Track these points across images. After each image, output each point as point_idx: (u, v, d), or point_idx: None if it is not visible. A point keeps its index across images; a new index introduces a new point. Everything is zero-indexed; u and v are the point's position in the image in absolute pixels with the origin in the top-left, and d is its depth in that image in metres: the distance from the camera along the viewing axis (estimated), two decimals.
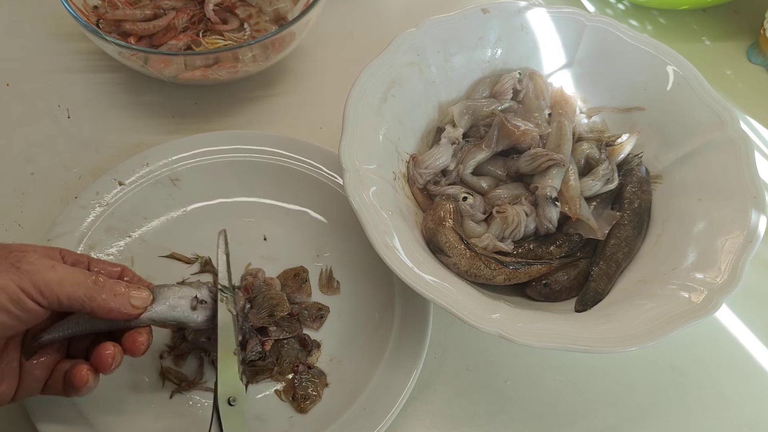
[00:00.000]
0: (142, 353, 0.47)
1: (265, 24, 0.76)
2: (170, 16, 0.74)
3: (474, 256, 0.57)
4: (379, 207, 0.55)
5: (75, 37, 0.79)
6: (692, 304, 0.53)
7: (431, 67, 0.65)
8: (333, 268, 0.63)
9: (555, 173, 0.61)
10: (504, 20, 0.67)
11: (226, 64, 0.69)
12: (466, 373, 0.60)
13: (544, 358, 0.61)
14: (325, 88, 0.78)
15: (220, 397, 0.48)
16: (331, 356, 0.59)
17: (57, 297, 0.43)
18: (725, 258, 0.55)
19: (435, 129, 0.67)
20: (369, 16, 0.86)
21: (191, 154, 0.65)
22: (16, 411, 0.54)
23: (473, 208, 0.61)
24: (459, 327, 0.61)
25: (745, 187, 0.58)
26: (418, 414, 0.57)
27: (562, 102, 0.67)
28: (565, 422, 0.58)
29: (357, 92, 0.59)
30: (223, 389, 0.48)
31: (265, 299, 0.58)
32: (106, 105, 0.75)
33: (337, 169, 0.63)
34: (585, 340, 0.51)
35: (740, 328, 0.64)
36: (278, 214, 0.66)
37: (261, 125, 0.74)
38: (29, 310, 0.42)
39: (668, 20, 0.89)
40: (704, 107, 0.63)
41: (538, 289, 0.59)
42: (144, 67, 0.69)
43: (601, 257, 0.60)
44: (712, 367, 0.62)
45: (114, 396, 0.54)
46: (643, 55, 0.66)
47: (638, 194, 0.63)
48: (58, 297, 0.43)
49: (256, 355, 0.57)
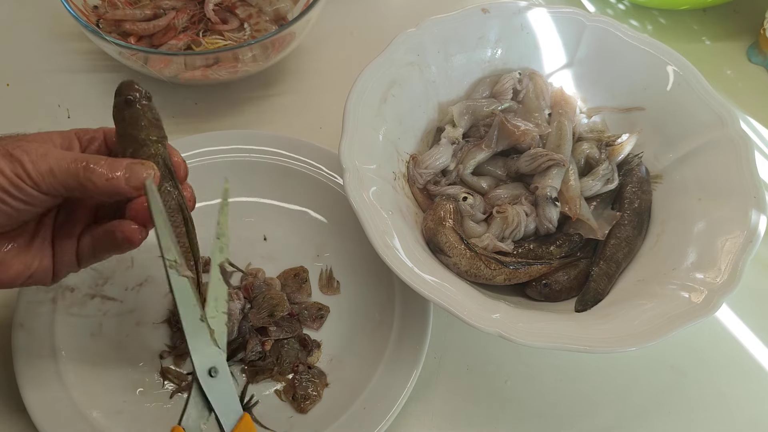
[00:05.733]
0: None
1: (265, 24, 0.76)
2: (170, 16, 0.74)
3: (474, 256, 0.57)
4: (379, 207, 0.55)
5: (75, 37, 0.79)
6: (692, 304, 0.53)
7: (431, 67, 0.65)
8: (333, 268, 0.63)
9: (555, 173, 0.61)
10: (504, 20, 0.67)
11: (226, 64, 0.69)
12: (466, 373, 0.60)
13: (544, 358, 0.61)
14: (325, 88, 0.78)
15: (198, 370, 0.42)
16: (331, 356, 0.59)
17: (52, 185, 0.43)
18: (725, 258, 0.55)
19: (435, 129, 0.67)
20: (369, 16, 0.86)
21: (191, 154, 0.65)
22: (17, 411, 0.54)
23: (473, 208, 0.61)
24: (459, 327, 0.61)
25: (745, 187, 0.58)
26: (418, 414, 0.57)
27: (562, 102, 0.67)
28: (565, 422, 0.58)
29: (357, 92, 0.59)
30: (199, 360, 0.42)
31: (265, 299, 0.59)
32: (106, 105, 0.73)
33: (337, 169, 0.63)
34: (585, 340, 0.51)
35: (740, 328, 0.64)
36: (278, 214, 0.66)
37: (261, 125, 0.74)
38: (31, 195, 0.42)
39: (668, 20, 0.89)
40: (704, 107, 0.63)
41: (538, 289, 0.59)
42: (144, 67, 0.69)
43: (601, 257, 0.60)
44: (713, 366, 0.62)
45: (114, 396, 0.54)
46: (643, 55, 0.66)
47: (638, 194, 0.63)
48: (53, 185, 0.43)
49: (256, 355, 0.57)
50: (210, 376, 0.43)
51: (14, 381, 0.53)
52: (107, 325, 0.58)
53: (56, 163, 0.42)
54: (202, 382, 0.42)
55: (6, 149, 0.42)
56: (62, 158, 0.43)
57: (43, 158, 0.42)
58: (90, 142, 0.48)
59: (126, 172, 0.44)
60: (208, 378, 0.42)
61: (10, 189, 0.41)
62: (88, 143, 0.48)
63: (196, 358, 0.42)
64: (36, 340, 0.55)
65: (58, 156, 0.43)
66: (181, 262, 0.43)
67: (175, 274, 0.43)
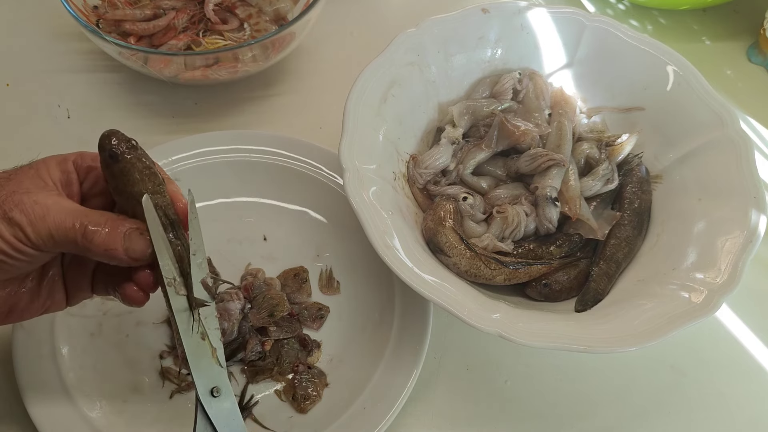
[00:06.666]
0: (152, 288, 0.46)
1: (265, 24, 0.76)
2: (170, 16, 0.74)
3: (474, 256, 0.57)
4: (379, 207, 0.55)
5: (75, 37, 0.79)
6: (692, 304, 0.53)
7: (431, 67, 0.65)
8: (333, 268, 0.63)
9: (555, 173, 0.61)
10: (504, 20, 0.67)
11: (226, 64, 0.69)
12: (466, 373, 0.60)
13: (544, 358, 0.61)
14: (325, 88, 0.78)
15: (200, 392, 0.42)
16: (331, 356, 0.59)
17: (53, 247, 0.42)
18: (725, 258, 0.55)
19: (435, 129, 0.67)
20: (369, 16, 0.86)
21: (191, 154, 0.65)
22: (17, 411, 0.54)
23: (473, 208, 0.61)
24: (459, 327, 0.61)
25: (745, 187, 0.58)
26: (418, 414, 0.57)
27: (562, 102, 0.67)
28: (565, 422, 0.58)
29: (357, 92, 0.59)
30: (201, 380, 0.42)
31: (265, 299, 0.59)
32: (106, 105, 0.75)
33: (337, 169, 0.63)
34: (585, 340, 0.51)
35: (740, 327, 0.64)
36: (278, 214, 0.66)
37: (261, 125, 0.74)
38: (32, 255, 0.42)
39: (668, 20, 0.89)
40: (704, 107, 0.63)
41: (538, 289, 0.59)
42: (144, 67, 0.69)
43: (601, 257, 0.60)
44: (713, 366, 0.62)
45: (114, 396, 0.54)
46: (643, 55, 0.66)
47: (638, 194, 0.63)
48: (53, 247, 0.42)
49: (256, 355, 0.57)
50: (212, 396, 0.42)
51: (14, 381, 0.53)
52: (107, 325, 0.58)
53: (55, 227, 0.41)
54: (205, 403, 0.42)
55: (3, 211, 0.41)
56: (61, 222, 0.42)
57: (41, 220, 0.41)
58: (88, 171, 0.46)
59: (125, 242, 0.42)
60: (210, 398, 0.42)
61: (11, 252, 0.41)
62: (87, 172, 0.46)
63: (199, 379, 0.42)
64: (36, 340, 0.55)
65: (57, 219, 0.42)
66: (180, 281, 0.43)
67: (173, 293, 0.43)
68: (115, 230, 0.42)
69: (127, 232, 0.43)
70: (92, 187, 0.46)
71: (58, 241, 0.42)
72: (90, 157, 0.46)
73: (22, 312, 0.46)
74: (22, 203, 0.41)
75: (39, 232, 0.41)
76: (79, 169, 0.46)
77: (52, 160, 0.45)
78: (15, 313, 0.46)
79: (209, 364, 0.43)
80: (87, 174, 0.46)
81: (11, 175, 0.43)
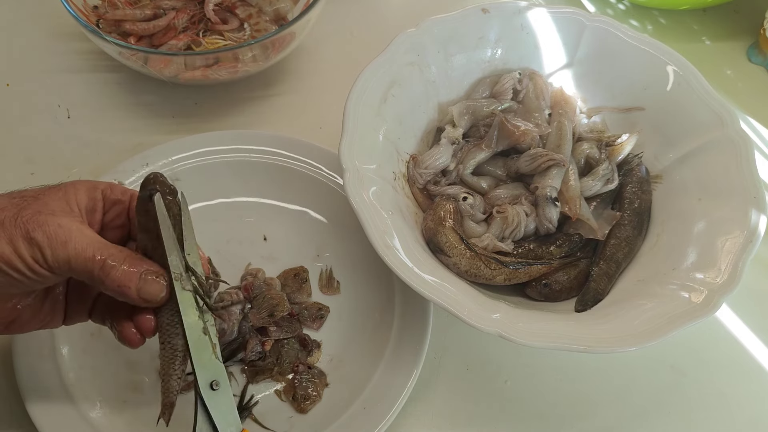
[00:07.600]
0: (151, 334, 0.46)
1: (265, 24, 0.76)
2: (170, 16, 0.74)
3: (474, 256, 0.57)
4: (379, 207, 0.55)
5: (75, 37, 0.79)
6: (692, 304, 0.53)
7: (431, 67, 0.65)
8: (333, 268, 0.63)
9: (555, 173, 0.61)
10: (504, 20, 0.67)
11: (226, 64, 0.69)
12: (466, 373, 0.60)
13: (544, 358, 0.61)
14: (325, 88, 0.78)
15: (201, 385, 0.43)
16: (331, 356, 0.59)
17: (67, 272, 0.42)
18: (725, 258, 0.55)
19: (435, 129, 0.67)
20: (369, 16, 0.86)
21: (191, 154, 0.65)
22: (17, 411, 0.54)
23: (473, 208, 0.61)
24: (459, 327, 0.61)
25: (745, 187, 0.58)
26: (418, 414, 0.57)
27: (562, 102, 0.67)
28: (565, 422, 0.58)
29: (357, 92, 0.59)
30: (202, 373, 0.43)
31: (265, 299, 0.59)
32: (106, 105, 0.75)
33: (337, 169, 0.63)
34: (585, 340, 0.51)
35: (740, 327, 0.64)
36: (278, 214, 0.66)
37: (261, 125, 0.74)
38: (45, 276, 0.42)
39: (668, 20, 0.89)
40: (704, 107, 0.63)
41: (538, 289, 0.59)
42: (144, 67, 0.69)
43: (601, 257, 0.60)
44: (713, 366, 0.62)
45: (114, 396, 0.54)
46: (643, 55, 0.66)
47: (638, 194, 0.63)
48: (67, 272, 0.42)
49: (256, 355, 0.57)
50: (212, 389, 0.44)
51: (14, 381, 0.53)
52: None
53: (75, 255, 0.42)
54: (205, 396, 0.43)
55: (26, 229, 0.41)
56: (82, 251, 0.42)
57: (62, 246, 0.41)
58: (114, 203, 0.47)
59: (140, 283, 0.43)
60: (209, 391, 0.43)
61: (26, 272, 0.41)
62: (112, 204, 0.47)
63: (199, 372, 0.43)
64: (36, 340, 0.54)
65: (78, 247, 0.42)
66: (186, 276, 0.44)
67: (179, 288, 0.44)
68: (133, 269, 0.43)
69: (144, 273, 0.43)
70: (113, 220, 0.47)
71: (74, 268, 0.42)
72: (120, 190, 0.47)
73: (22, 325, 0.47)
74: (47, 224, 0.41)
75: (57, 257, 0.41)
76: (106, 199, 0.46)
77: (83, 185, 0.45)
78: (16, 324, 0.46)
79: (210, 359, 0.44)
80: (112, 206, 0.47)
81: (39, 194, 0.44)
